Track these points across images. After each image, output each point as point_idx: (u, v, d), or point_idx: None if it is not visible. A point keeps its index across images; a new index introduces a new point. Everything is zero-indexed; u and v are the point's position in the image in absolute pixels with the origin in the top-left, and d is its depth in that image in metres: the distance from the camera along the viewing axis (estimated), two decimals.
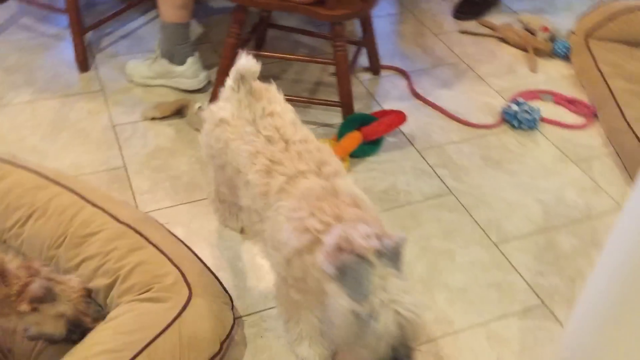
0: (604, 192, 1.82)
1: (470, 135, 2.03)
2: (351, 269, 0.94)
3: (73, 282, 1.06)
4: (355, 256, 0.94)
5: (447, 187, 1.83)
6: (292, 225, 1.08)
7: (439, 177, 1.86)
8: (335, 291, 0.96)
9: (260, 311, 1.45)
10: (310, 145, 1.20)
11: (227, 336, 1.26)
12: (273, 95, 1.30)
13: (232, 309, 1.33)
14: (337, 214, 1.05)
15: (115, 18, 2.31)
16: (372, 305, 0.92)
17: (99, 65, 2.22)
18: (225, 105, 1.29)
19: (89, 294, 1.09)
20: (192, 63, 2.06)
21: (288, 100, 2.08)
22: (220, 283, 1.36)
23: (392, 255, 0.97)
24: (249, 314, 1.44)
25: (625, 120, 1.95)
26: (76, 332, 1.07)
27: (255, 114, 1.24)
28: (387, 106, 2.10)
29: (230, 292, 1.37)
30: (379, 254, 0.95)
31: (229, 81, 1.31)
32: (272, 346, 1.38)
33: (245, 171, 1.21)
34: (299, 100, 2.07)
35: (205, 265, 1.38)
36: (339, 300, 0.95)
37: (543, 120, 2.08)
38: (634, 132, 1.87)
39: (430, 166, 1.90)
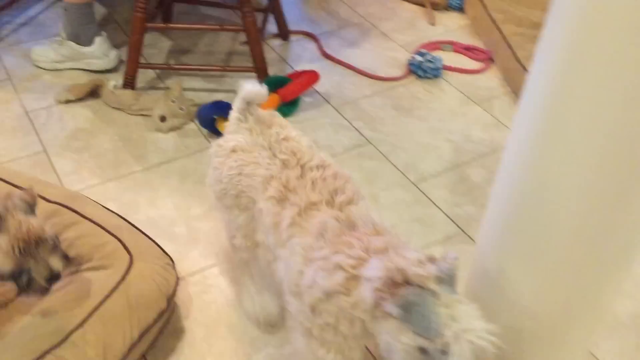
0: (505, 127, 1.99)
1: (381, 88, 2.14)
2: (415, 303, 0.84)
3: (29, 226, 1.03)
4: (416, 288, 0.85)
5: (365, 137, 1.93)
6: (316, 265, 0.98)
7: (356, 129, 1.96)
8: (394, 330, 0.87)
9: (201, 270, 1.50)
10: (328, 171, 1.11)
11: (173, 293, 1.31)
12: (281, 121, 1.22)
13: (174, 269, 1.38)
14: (365, 246, 0.96)
15: (12, 6, 2.24)
16: (443, 339, 0.83)
17: (1, 54, 2.15)
18: (235, 137, 1.20)
19: (44, 243, 1.06)
20: (100, 43, 2.05)
21: (202, 70, 2.12)
22: (160, 247, 1.40)
23: (449, 279, 0.88)
24: (192, 274, 1.49)
25: (518, 60, 2.13)
26: (21, 278, 1.02)
27: (270, 139, 1.16)
28: (300, 69, 2.17)
29: (170, 255, 1.42)
30: (439, 280, 0.87)
31: (234, 113, 1.23)
32: (218, 300, 1.44)
33: (258, 198, 1.13)
34: (213, 69, 2.11)
35: (142, 232, 1.42)
36: (401, 339, 0.86)
37: (445, 68, 2.22)
38: (525, 70, 2.05)
39: (347, 120, 2.00)
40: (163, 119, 1.87)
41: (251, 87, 1.18)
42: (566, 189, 1.02)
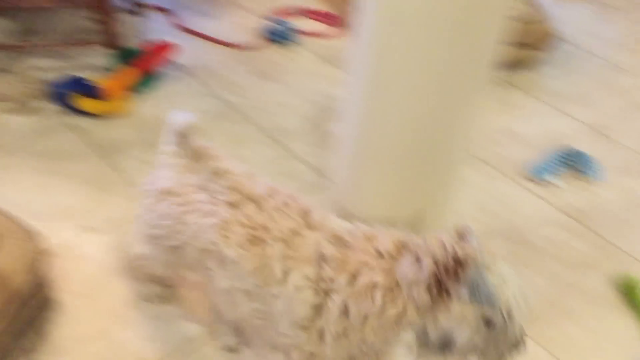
0: None
1: (240, 57, 2.19)
2: (478, 279, 0.87)
3: None
4: (474, 266, 0.87)
5: (230, 103, 1.98)
6: (344, 295, 0.94)
7: (220, 96, 2.00)
8: (458, 313, 0.89)
9: (72, 244, 1.48)
10: (282, 195, 1.04)
11: (38, 265, 1.29)
12: (215, 152, 1.12)
13: (37, 242, 1.34)
14: (377, 254, 0.95)
15: None
16: (505, 303, 0.88)
17: None
18: (165, 174, 1.10)
19: None
20: None
21: (52, 48, 2.05)
22: (20, 222, 1.36)
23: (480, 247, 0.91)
24: (63, 249, 1.46)
25: None
26: None
27: (202, 177, 1.07)
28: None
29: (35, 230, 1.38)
30: (481, 252, 0.89)
31: (165, 147, 1.12)
32: (92, 271, 1.43)
33: (218, 248, 1.02)
34: (63, 46, 2.05)
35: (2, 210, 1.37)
36: (468, 318, 0.89)
37: (301, 33, 2.32)
38: None
39: (210, 88, 2.03)
40: (8, 99, 1.79)
41: (181, 119, 1.09)
42: (397, 113, 1.15)
